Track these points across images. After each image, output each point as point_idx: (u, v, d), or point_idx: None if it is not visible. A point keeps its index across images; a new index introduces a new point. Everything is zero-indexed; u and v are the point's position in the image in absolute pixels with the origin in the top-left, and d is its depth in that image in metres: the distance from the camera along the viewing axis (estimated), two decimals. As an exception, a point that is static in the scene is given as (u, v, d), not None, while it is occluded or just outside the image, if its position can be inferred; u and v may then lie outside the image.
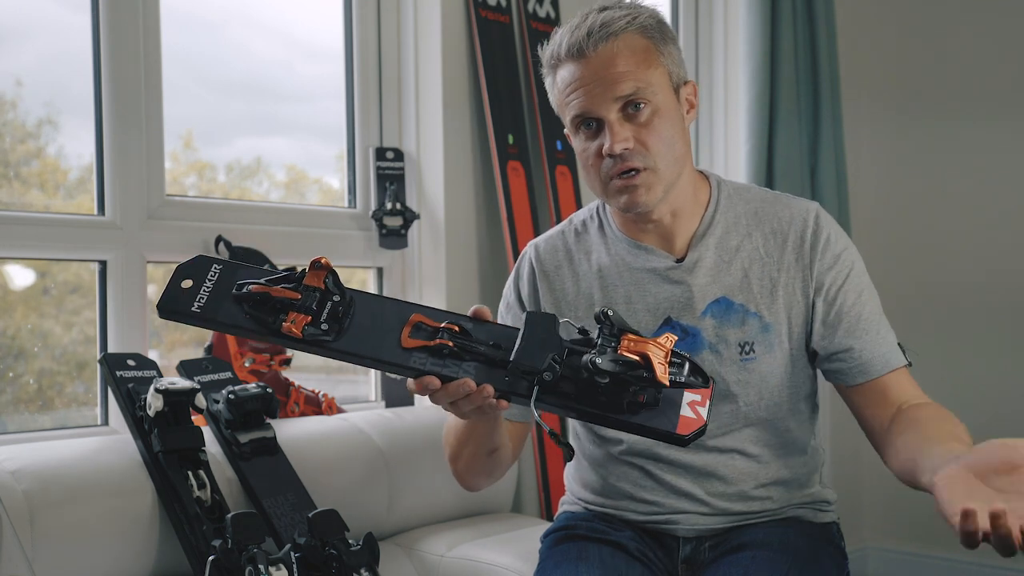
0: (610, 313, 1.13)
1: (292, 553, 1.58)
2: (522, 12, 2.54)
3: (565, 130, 1.50)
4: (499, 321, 1.61)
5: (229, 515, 1.58)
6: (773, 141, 2.93)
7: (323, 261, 1.17)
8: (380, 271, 2.48)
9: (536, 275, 1.56)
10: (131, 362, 1.80)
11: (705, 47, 3.27)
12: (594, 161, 1.43)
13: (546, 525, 1.77)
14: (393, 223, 2.38)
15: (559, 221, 2.08)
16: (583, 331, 1.16)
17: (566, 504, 1.65)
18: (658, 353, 1.10)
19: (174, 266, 1.19)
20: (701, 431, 1.13)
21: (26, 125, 2.04)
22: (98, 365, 1.98)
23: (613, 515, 1.54)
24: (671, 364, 1.12)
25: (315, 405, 2.14)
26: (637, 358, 1.10)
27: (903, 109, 3.46)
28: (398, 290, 2.48)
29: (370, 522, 1.92)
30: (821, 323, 1.46)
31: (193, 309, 1.15)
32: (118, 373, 1.77)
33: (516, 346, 1.14)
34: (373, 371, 2.46)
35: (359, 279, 2.55)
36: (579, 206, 2.56)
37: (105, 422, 2.04)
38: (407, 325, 1.17)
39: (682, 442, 1.13)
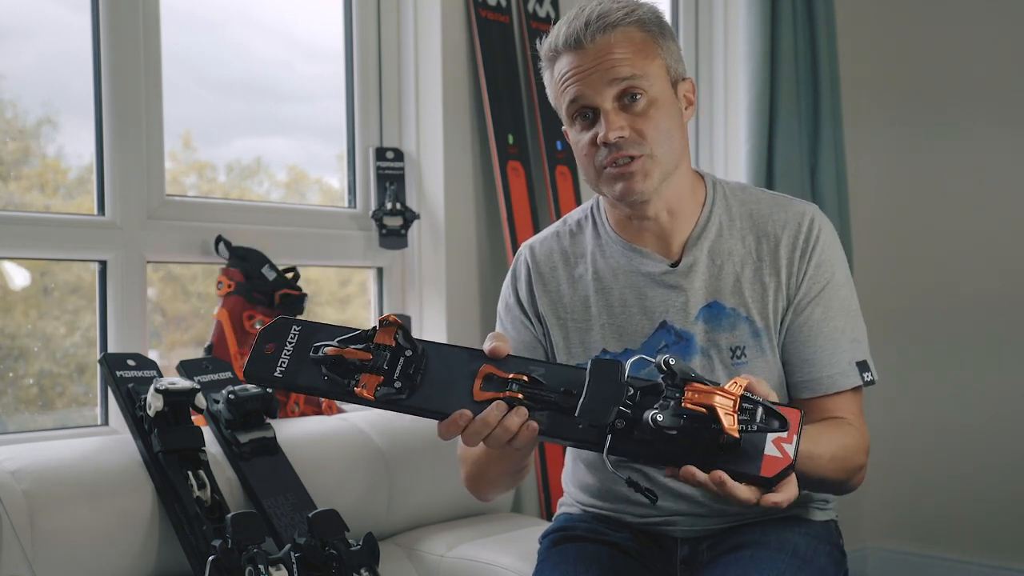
0: (672, 363, 1.09)
1: (292, 553, 1.58)
2: (522, 12, 2.55)
3: (564, 127, 1.49)
4: (498, 322, 1.61)
5: (229, 515, 1.58)
6: (773, 141, 2.93)
7: (391, 318, 1.18)
8: (380, 271, 2.48)
9: (532, 277, 1.56)
10: (131, 362, 1.80)
11: (705, 47, 3.27)
12: (588, 151, 1.42)
13: (545, 525, 1.77)
14: (393, 223, 2.38)
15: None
16: (659, 366, 1.12)
17: (564, 506, 1.64)
18: (725, 403, 1.06)
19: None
20: (788, 471, 1.09)
21: (25, 125, 2.04)
22: (98, 365, 1.98)
23: (611, 516, 1.54)
24: (741, 411, 1.07)
25: (315, 405, 2.14)
26: (703, 410, 1.06)
27: (903, 109, 3.46)
28: (398, 290, 2.48)
29: (370, 522, 1.92)
30: (786, 330, 1.45)
31: (276, 374, 1.18)
32: (118, 373, 1.77)
33: (580, 401, 1.11)
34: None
35: (359, 279, 2.56)
36: (579, 205, 2.56)
37: (105, 422, 2.04)
38: (478, 377, 1.17)
39: (768, 484, 1.09)
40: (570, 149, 2.56)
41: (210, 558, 1.53)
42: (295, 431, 1.92)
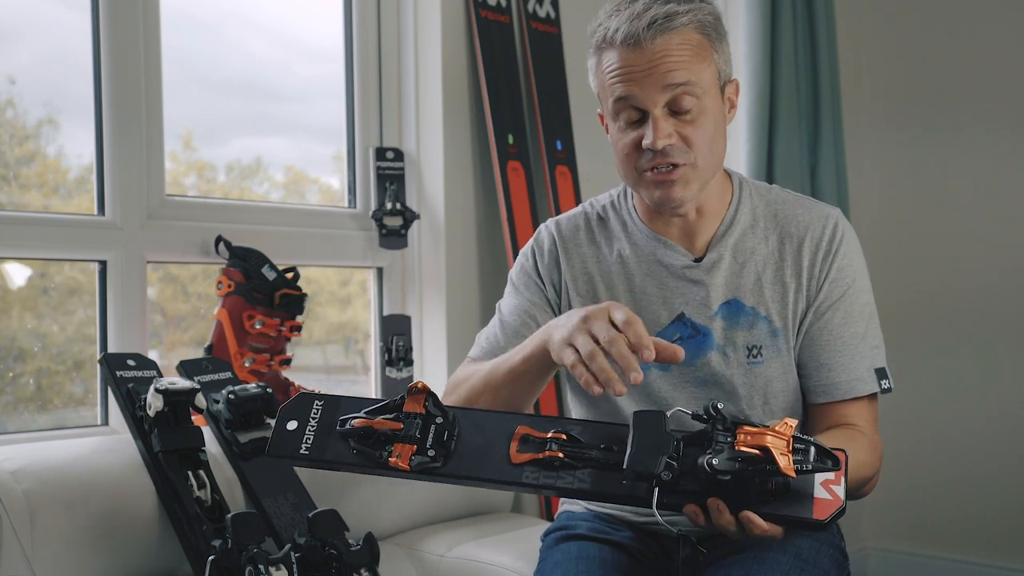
0: (720, 407, 1.08)
1: (292, 553, 1.58)
2: (522, 12, 2.54)
3: (598, 109, 1.48)
4: (508, 287, 1.59)
5: (229, 515, 1.58)
6: (773, 141, 2.93)
7: (420, 385, 1.16)
8: (380, 271, 2.48)
9: (558, 249, 1.55)
10: (131, 362, 1.80)
11: (705, 47, 3.27)
12: (630, 152, 1.40)
13: (546, 525, 1.77)
14: (393, 223, 2.38)
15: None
16: (697, 416, 1.11)
17: (566, 503, 1.65)
18: (779, 444, 1.04)
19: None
20: (840, 513, 1.08)
21: (25, 125, 2.04)
22: (98, 365, 1.97)
23: (613, 515, 1.54)
24: (795, 451, 1.06)
25: (315, 405, 2.14)
26: (757, 452, 1.04)
27: (903, 109, 3.46)
28: (398, 290, 2.48)
29: (370, 522, 1.92)
30: (805, 333, 1.45)
31: (302, 452, 1.16)
32: (118, 373, 1.77)
33: (628, 451, 1.09)
34: (373, 370, 2.46)
35: (359, 279, 2.55)
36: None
37: (105, 422, 2.04)
38: (514, 439, 1.15)
39: (822, 527, 1.08)
40: (570, 149, 2.58)
41: (210, 558, 1.53)
42: (295, 431, 1.91)
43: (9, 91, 2.00)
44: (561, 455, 1.13)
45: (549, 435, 1.15)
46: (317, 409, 1.18)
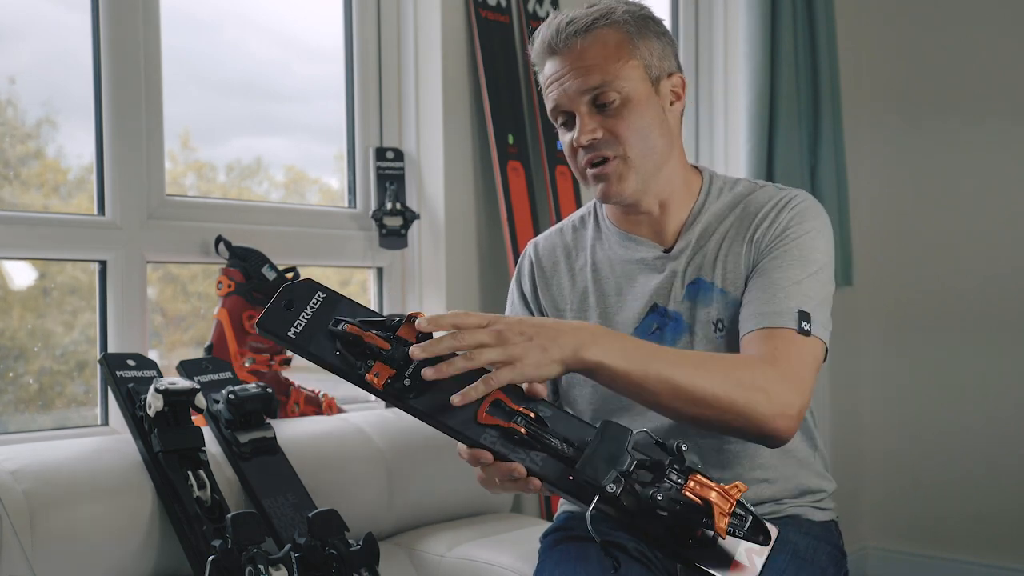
0: (684, 448, 1.10)
1: (292, 553, 1.58)
2: (522, 12, 2.55)
3: None
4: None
5: (229, 515, 1.58)
6: (773, 141, 2.94)
7: (420, 315, 1.17)
8: (380, 271, 2.48)
9: (535, 274, 1.60)
10: (131, 362, 1.80)
11: (705, 47, 3.27)
12: (571, 154, 1.47)
13: (546, 525, 1.77)
14: (393, 223, 2.38)
15: (559, 221, 2.09)
16: (661, 444, 1.13)
17: (565, 504, 1.65)
18: (722, 503, 1.07)
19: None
20: None
21: (25, 125, 2.04)
22: (98, 365, 1.98)
23: (611, 516, 1.54)
24: (734, 515, 1.09)
25: (315, 405, 2.14)
26: (699, 502, 1.07)
27: (903, 109, 3.46)
28: (398, 290, 2.48)
29: (370, 522, 1.92)
30: (743, 280, 1.43)
31: (289, 334, 1.16)
32: (118, 373, 1.77)
33: (584, 454, 1.12)
34: (373, 371, 2.46)
35: (359, 279, 2.56)
36: (579, 206, 2.56)
37: (105, 422, 2.04)
38: (487, 399, 1.16)
39: None
40: (570, 149, 2.58)
41: (210, 558, 1.53)
42: (295, 431, 1.92)
43: (9, 91, 2.00)
44: (523, 431, 1.15)
45: (519, 408, 1.17)
46: (317, 300, 1.18)
